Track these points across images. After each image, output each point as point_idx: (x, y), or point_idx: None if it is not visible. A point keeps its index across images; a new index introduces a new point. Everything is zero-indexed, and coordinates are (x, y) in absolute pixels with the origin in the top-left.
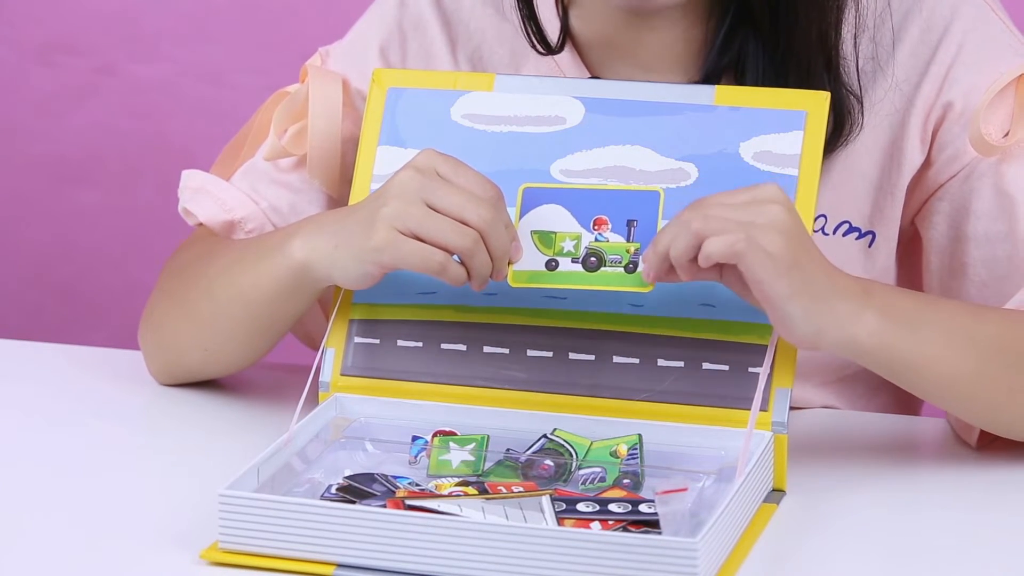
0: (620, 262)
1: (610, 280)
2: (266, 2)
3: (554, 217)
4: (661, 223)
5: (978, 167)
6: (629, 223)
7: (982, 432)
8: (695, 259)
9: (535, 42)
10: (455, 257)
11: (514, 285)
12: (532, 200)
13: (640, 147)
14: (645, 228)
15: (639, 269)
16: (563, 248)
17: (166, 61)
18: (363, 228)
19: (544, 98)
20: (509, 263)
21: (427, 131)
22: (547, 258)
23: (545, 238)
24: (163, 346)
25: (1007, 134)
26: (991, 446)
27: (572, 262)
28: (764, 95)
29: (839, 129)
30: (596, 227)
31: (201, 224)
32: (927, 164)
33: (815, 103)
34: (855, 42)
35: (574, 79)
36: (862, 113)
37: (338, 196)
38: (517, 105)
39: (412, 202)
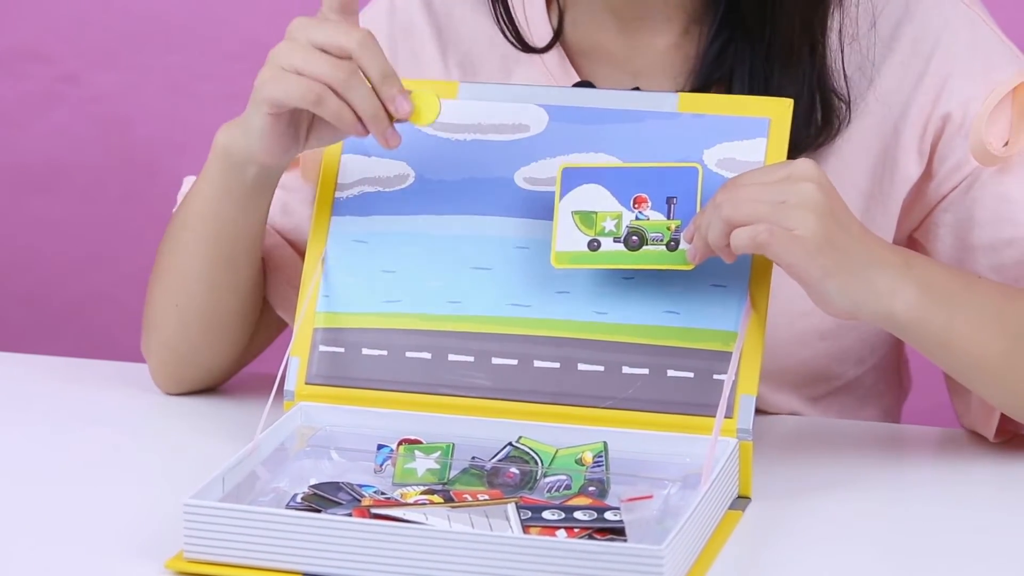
0: (661, 240)
1: (652, 259)
2: (230, 10)
3: (594, 197)
4: (700, 199)
5: (980, 177)
6: (669, 200)
7: (1000, 427)
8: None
9: (511, 40)
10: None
11: (557, 266)
12: (571, 181)
13: (604, 155)
14: (685, 205)
15: (681, 247)
16: (604, 228)
17: (129, 69)
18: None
19: (508, 106)
20: (420, 101)
21: None
22: (589, 238)
23: (586, 218)
24: (150, 332)
25: (1007, 143)
26: (1010, 442)
27: (614, 241)
28: (727, 102)
29: (827, 125)
30: (636, 205)
31: None
32: (927, 176)
33: (778, 110)
34: (840, 42)
35: (537, 86)
36: (849, 110)
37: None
38: (481, 113)
39: (295, 43)
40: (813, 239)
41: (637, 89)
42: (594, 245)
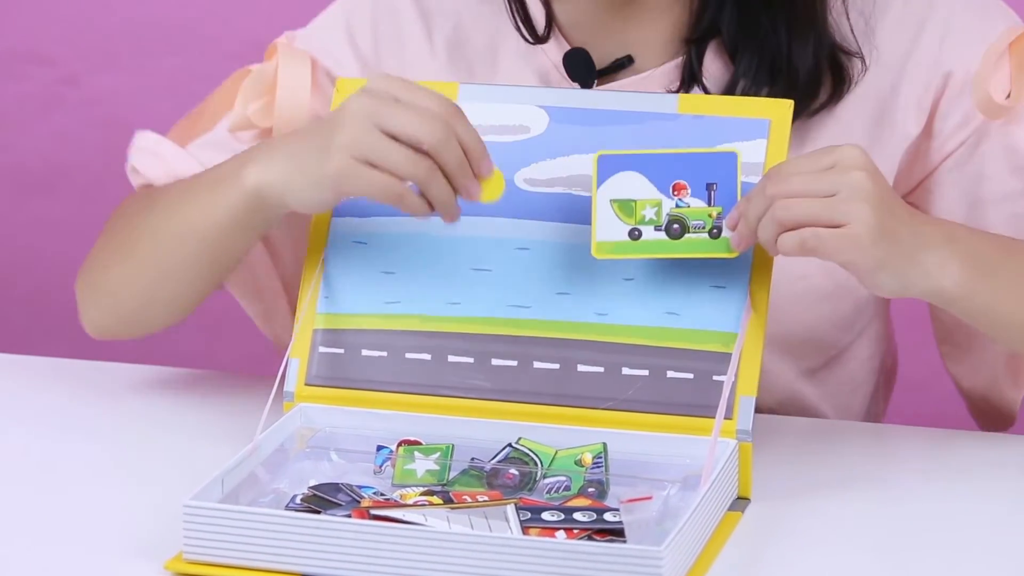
0: (703, 227)
1: (696, 247)
2: (230, 11)
3: (632, 185)
4: (740, 185)
5: (988, 131)
6: (709, 186)
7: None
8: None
9: (524, 32)
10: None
11: (599, 257)
12: (608, 168)
13: None
14: (725, 191)
15: (724, 235)
16: (644, 216)
17: (130, 71)
18: (318, 155)
19: (508, 107)
20: (488, 181)
21: None
22: (629, 227)
23: (625, 207)
24: (102, 292)
25: (1008, 96)
26: (1009, 439)
27: (655, 230)
28: (728, 103)
29: (841, 78)
30: (676, 192)
31: (146, 185)
32: (927, 135)
33: (779, 111)
34: (847, 14)
35: (538, 87)
36: (864, 62)
37: None
38: (481, 114)
39: (366, 128)
40: (868, 233)
41: (629, 57)
42: (635, 234)
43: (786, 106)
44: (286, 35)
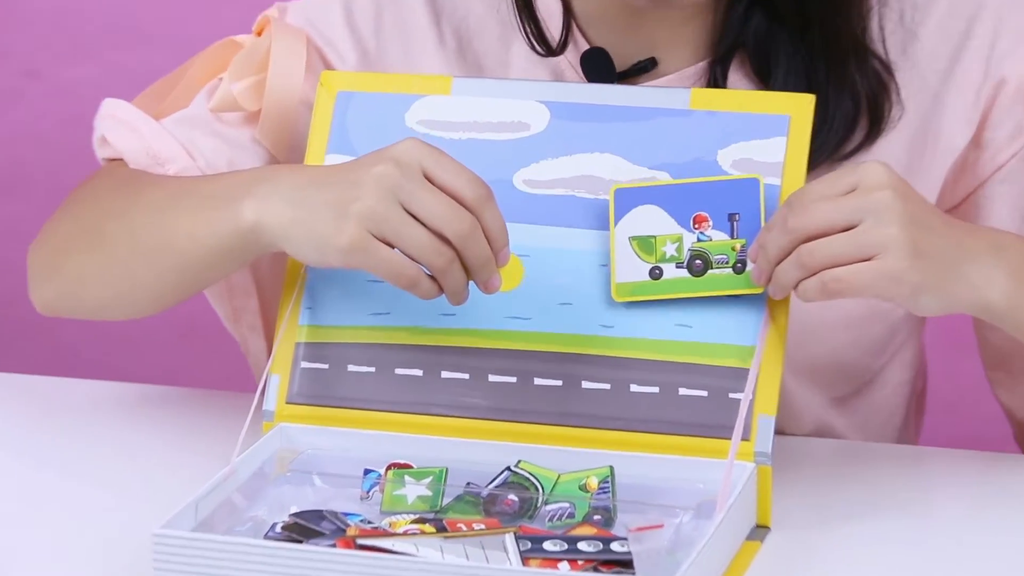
0: (727, 262)
1: (719, 284)
2: (198, 2)
3: (651, 219)
4: (764, 213)
5: None
6: (731, 217)
7: None
8: None
9: (534, 43)
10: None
11: (619, 300)
12: (625, 203)
13: (610, 155)
14: (748, 221)
15: (749, 267)
16: (665, 253)
17: (94, 64)
18: (330, 218)
19: (506, 102)
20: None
21: (380, 138)
22: (650, 266)
23: (645, 244)
24: (64, 276)
25: None
26: None
27: (676, 267)
28: (744, 98)
29: (878, 118)
30: (696, 225)
31: (116, 159)
32: (975, 146)
33: (799, 107)
34: (880, 22)
35: (538, 81)
36: (899, 95)
37: (284, 160)
38: (477, 110)
39: (388, 202)
40: (903, 260)
41: (652, 60)
42: (656, 273)
43: (807, 100)
44: (277, 6)
